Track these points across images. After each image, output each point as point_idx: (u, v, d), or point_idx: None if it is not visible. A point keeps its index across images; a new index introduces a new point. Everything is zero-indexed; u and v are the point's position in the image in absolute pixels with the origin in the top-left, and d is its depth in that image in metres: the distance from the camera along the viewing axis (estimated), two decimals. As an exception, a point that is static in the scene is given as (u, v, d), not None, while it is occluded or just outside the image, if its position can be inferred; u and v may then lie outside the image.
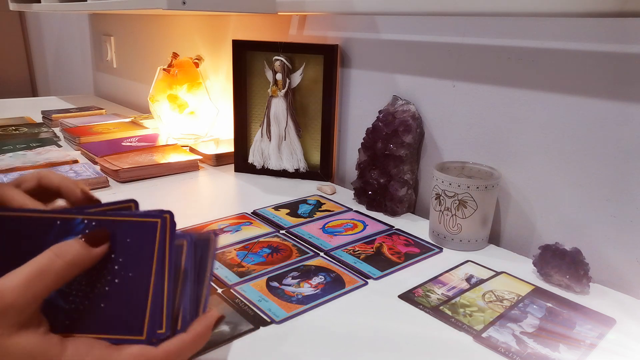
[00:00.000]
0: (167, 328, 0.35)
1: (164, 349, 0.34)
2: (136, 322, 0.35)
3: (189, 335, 0.35)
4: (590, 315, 0.52)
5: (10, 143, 1.09)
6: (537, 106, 0.64)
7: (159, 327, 0.35)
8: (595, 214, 0.60)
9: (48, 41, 2.48)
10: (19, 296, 0.30)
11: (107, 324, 0.35)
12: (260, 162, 0.95)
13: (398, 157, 0.75)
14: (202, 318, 0.36)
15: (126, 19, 1.64)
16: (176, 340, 0.34)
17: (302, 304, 0.52)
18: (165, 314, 0.35)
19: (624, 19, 0.54)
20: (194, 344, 0.35)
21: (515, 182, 0.68)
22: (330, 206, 0.80)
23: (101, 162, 0.95)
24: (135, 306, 0.35)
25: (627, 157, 0.56)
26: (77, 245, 0.33)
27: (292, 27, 0.98)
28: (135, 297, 0.35)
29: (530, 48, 0.63)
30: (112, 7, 1.03)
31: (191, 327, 0.36)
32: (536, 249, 0.60)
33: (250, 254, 0.62)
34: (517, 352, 0.45)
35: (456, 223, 0.65)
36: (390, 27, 0.80)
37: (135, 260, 0.35)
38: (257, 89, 0.94)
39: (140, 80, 1.62)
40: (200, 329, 0.36)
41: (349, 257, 0.62)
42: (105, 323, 0.35)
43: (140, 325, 0.35)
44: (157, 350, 0.33)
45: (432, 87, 0.76)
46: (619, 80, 0.56)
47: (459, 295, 0.55)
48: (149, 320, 0.35)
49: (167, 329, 0.35)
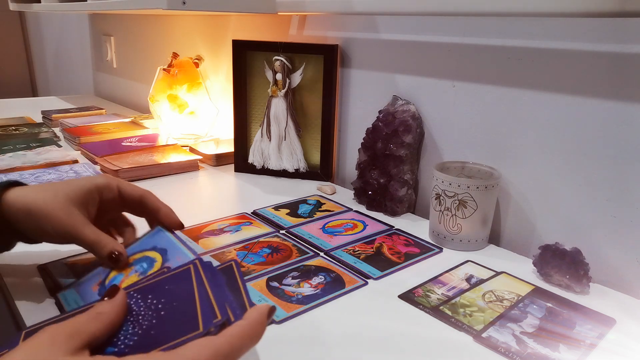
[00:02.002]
0: (222, 314, 0.34)
1: (225, 336, 0.33)
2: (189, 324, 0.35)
3: (247, 322, 0.34)
4: (590, 315, 0.52)
5: (10, 143, 1.09)
6: (537, 106, 0.64)
7: (214, 316, 0.34)
8: (596, 214, 0.60)
9: (48, 41, 2.48)
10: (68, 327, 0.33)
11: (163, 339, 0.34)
12: (260, 162, 0.95)
13: (398, 157, 0.75)
14: (255, 307, 0.36)
15: (126, 19, 1.64)
16: (236, 326, 0.34)
17: (302, 304, 0.52)
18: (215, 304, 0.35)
19: (624, 19, 0.54)
20: (254, 332, 0.34)
21: (515, 182, 0.68)
22: (330, 206, 0.80)
23: (101, 162, 0.95)
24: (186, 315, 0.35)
25: (627, 157, 0.56)
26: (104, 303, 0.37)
27: (292, 27, 0.98)
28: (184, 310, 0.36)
29: (530, 48, 0.63)
30: (112, 7, 1.03)
31: (246, 314, 0.35)
32: (536, 249, 0.60)
33: (250, 254, 0.62)
34: (517, 352, 0.45)
35: (456, 223, 0.65)
36: (390, 27, 0.80)
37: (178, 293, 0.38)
38: (257, 89, 0.94)
39: (140, 80, 1.62)
40: (257, 316, 0.35)
41: (349, 257, 0.62)
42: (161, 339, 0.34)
43: (194, 323, 0.34)
44: (220, 339, 0.33)
45: (432, 87, 0.76)
46: (619, 80, 0.56)
47: (459, 295, 0.55)
48: (202, 314, 0.35)
49: (222, 315, 0.34)
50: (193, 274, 0.39)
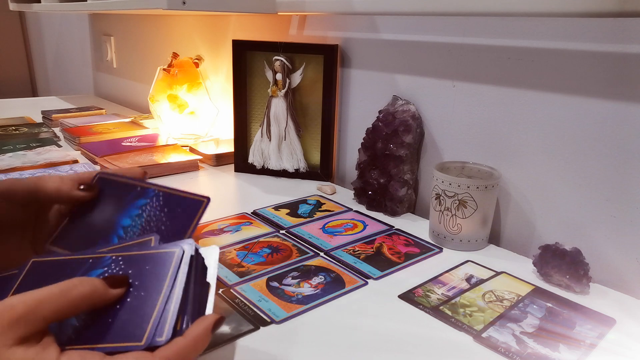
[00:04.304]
0: (168, 335, 0.34)
1: (160, 354, 0.32)
2: (138, 331, 0.34)
3: (187, 339, 0.33)
4: (590, 315, 0.52)
5: (10, 143, 1.09)
6: (537, 106, 0.64)
7: (160, 335, 0.34)
8: (595, 214, 0.60)
9: (48, 41, 2.48)
10: (29, 312, 0.30)
11: (111, 335, 0.34)
12: (260, 162, 0.95)
13: (398, 157, 0.75)
14: (199, 321, 0.35)
15: (126, 19, 1.64)
16: (173, 344, 0.33)
17: (302, 304, 0.52)
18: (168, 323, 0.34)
19: (624, 19, 0.54)
20: (193, 348, 0.34)
21: (515, 182, 0.68)
22: (330, 206, 0.80)
23: (101, 162, 0.95)
24: (141, 317, 0.35)
25: (627, 157, 0.56)
26: (96, 281, 0.34)
27: (292, 27, 0.98)
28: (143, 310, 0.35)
29: (530, 48, 0.63)
30: (112, 7, 1.03)
31: (188, 330, 0.34)
32: (536, 249, 0.60)
33: (250, 254, 0.62)
34: (517, 352, 0.45)
35: (456, 223, 0.65)
36: (390, 27, 0.80)
37: (150, 282, 0.36)
38: (257, 89, 0.94)
39: (140, 80, 1.62)
40: (198, 332, 0.34)
41: (349, 257, 0.62)
42: (109, 334, 0.34)
43: (141, 333, 0.34)
44: (154, 357, 0.32)
45: (432, 87, 0.76)
46: (619, 80, 0.56)
47: (459, 295, 0.55)
48: (151, 328, 0.34)
49: (168, 336, 0.34)
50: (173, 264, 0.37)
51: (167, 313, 0.35)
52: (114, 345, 0.33)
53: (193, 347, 0.34)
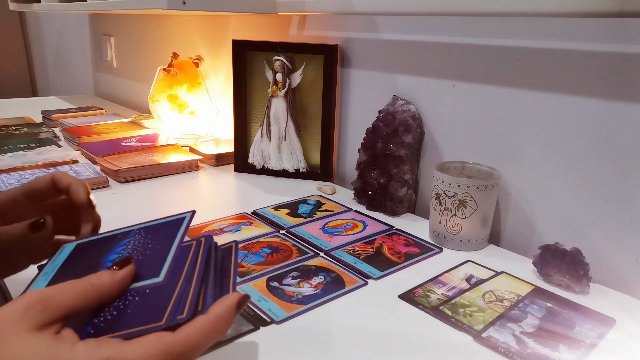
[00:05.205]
0: (189, 313, 0.32)
1: (182, 333, 0.30)
2: (159, 311, 0.32)
3: (209, 317, 0.31)
4: (590, 315, 0.52)
5: (10, 143, 1.09)
6: (537, 106, 0.64)
7: (180, 312, 0.32)
8: (595, 214, 0.60)
9: (48, 41, 2.48)
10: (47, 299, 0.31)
11: (130, 321, 0.33)
12: (260, 162, 0.95)
13: (398, 157, 0.75)
14: (222, 299, 0.33)
15: (126, 19, 1.64)
16: (195, 322, 0.31)
17: (302, 304, 0.52)
18: (189, 300, 0.33)
19: (624, 19, 0.54)
20: (216, 326, 0.31)
21: (515, 182, 0.68)
22: (330, 206, 0.80)
23: (101, 162, 0.95)
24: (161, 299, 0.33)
25: (627, 157, 0.56)
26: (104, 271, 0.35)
27: (292, 27, 0.98)
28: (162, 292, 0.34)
29: (530, 48, 0.63)
30: (112, 7, 1.03)
31: (211, 308, 0.32)
32: (536, 249, 0.60)
33: (250, 254, 0.62)
34: (517, 352, 0.45)
35: (456, 223, 0.65)
36: (390, 27, 0.80)
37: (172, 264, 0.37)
38: (257, 89, 0.94)
39: (140, 80, 1.62)
40: (222, 310, 0.32)
41: (349, 257, 0.62)
42: (128, 320, 0.33)
43: (161, 313, 0.32)
44: (175, 336, 0.30)
45: (432, 87, 0.76)
46: (618, 80, 0.56)
47: (459, 295, 0.55)
48: (172, 307, 0.32)
49: (189, 313, 0.32)
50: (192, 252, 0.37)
51: (188, 292, 0.33)
52: (133, 330, 0.32)
53: (216, 325, 0.32)
